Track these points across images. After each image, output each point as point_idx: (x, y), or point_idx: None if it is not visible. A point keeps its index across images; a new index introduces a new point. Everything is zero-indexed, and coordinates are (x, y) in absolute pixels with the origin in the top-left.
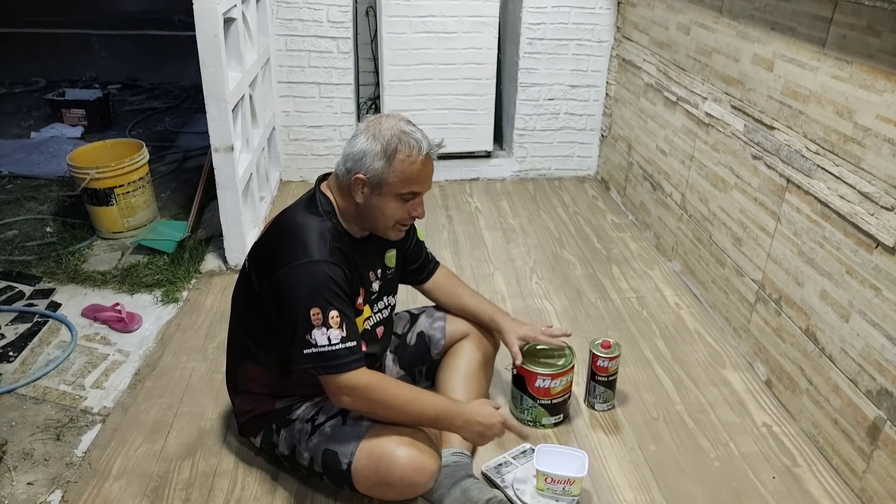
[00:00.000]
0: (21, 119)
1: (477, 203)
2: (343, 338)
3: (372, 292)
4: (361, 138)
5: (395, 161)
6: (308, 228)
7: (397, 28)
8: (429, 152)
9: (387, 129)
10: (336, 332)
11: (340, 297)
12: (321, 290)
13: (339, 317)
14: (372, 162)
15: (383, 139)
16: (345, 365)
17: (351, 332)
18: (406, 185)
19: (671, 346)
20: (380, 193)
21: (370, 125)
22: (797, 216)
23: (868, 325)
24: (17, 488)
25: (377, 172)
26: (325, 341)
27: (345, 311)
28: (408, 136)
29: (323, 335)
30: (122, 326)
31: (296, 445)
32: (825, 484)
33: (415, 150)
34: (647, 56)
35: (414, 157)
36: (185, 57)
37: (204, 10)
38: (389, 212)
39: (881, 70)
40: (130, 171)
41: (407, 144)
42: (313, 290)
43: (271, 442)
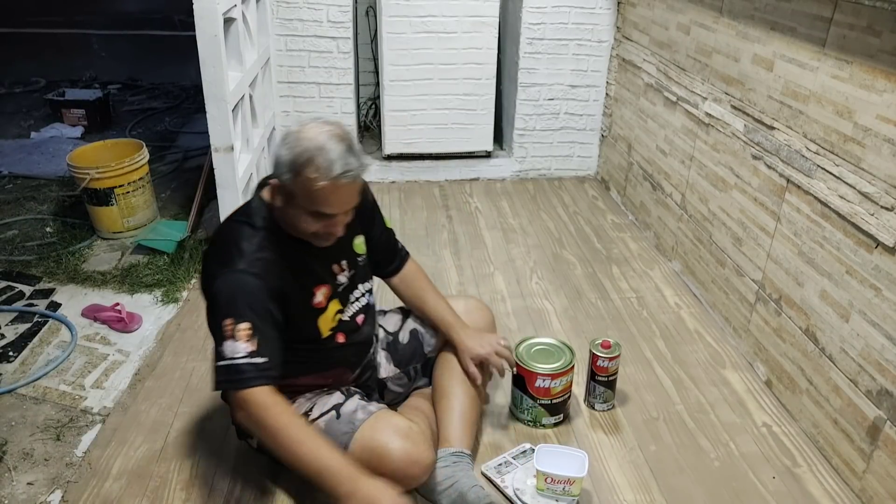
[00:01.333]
0: (21, 119)
1: (477, 203)
2: (251, 352)
3: (339, 285)
4: (283, 145)
5: (301, 177)
6: (231, 238)
7: (397, 28)
8: (342, 175)
9: (306, 139)
10: (243, 345)
11: (256, 308)
12: (235, 301)
13: (249, 329)
14: (283, 172)
15: (295, 151)
16: (245, 381)
17: (262, 346)
18: (311, 204)
19: (671, 346)
20: (290, 205)
21: (298, 129)
22: (797, 216)
23: (868, 325)
24: (17, 488)
25: (287, 184)
26: (230, 353)
27: (259, 323)
28: (322, 154)
29: (230, 347)
30: (122, 326)
31: None
32: (825, 484)
33: (322, 171)
34: (647, 56)
35: (321, 179)
36: (185, 57)
37: (204, 10)
38: (302, 225)
39: (881, 70)
40: (130, 171)
41: (315, 164)
42: (227, 300)
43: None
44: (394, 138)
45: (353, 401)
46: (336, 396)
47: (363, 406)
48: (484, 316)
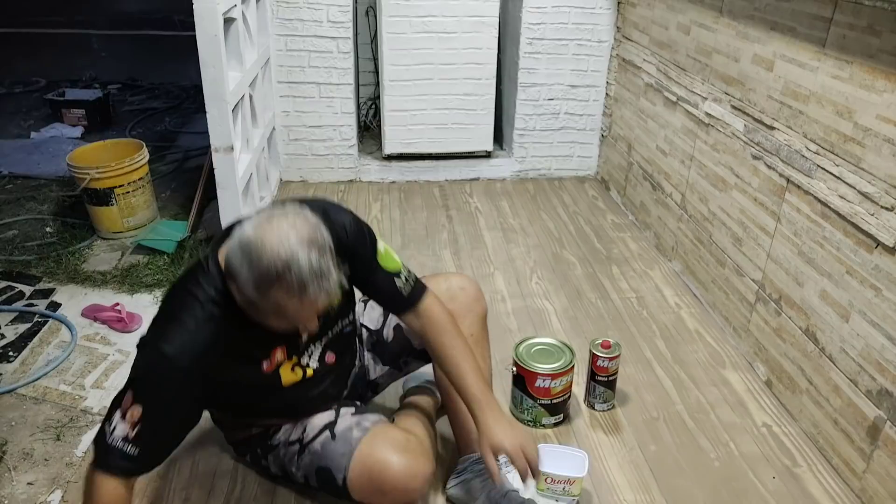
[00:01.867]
0: (21, 119)
1: (477, 203)
2: (126, 437)
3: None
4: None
5: (268, 296)
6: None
7: (397, 28)
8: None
9: (269, 251)
10: (123, 426)
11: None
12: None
13: (140, 415)
14: (244, 286)
15: (258, 268)
16: (102, 461)
17: (142, 437)
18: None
19: (671, 346)
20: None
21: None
22: (797, 216)
23: (868, 325)
24: (17, 488)
25: (246, 292)
26: (110, 426)
27: (154, 417)
28: (291, 270)
29: (116, 419)
30: (122, 326)
31: (285, 467)
32: (825, 484)
33: (293, 293)
34: (647, 56)
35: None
36: (185, 57)
37: (204, 10)
38: (272, 323)
39: (881, 70)
40: (130, 171)
41: (286, 284)
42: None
43: (261, 465)
44: (394, 138)
45: (346, 417)
46: (326, 415)
47: (357, 423)
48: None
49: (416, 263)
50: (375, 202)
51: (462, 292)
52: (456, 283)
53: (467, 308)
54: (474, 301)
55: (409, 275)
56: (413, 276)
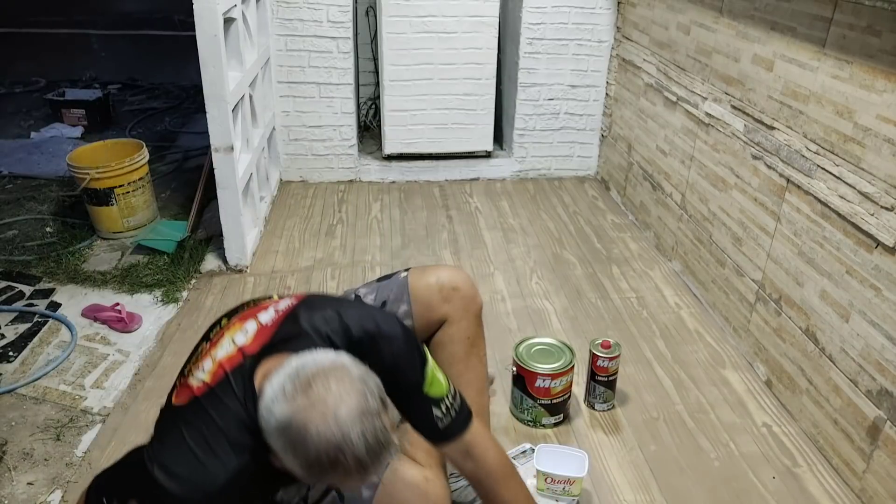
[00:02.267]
0: (21, 119)
1: (477, 203)
2: None
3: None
4: (277, 436)
5: (323, 477)
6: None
7: (397, 28)
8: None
9: (318, 439)
10: None
11: None
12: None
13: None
14: (291, 467)
15: (307, 457)
16: None
17: None
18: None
19: (671, 346)
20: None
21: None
22: (797, 216)
23: (868, 325)
24: (17, 488)
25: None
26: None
27: None
28: (347, 456)
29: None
30: (122, 326)
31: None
32: (825, 484)
33: (352, 471)
34: (647, 56)
35: (351, 475)
36: (185, 57)
37: (204, 10)
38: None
39: (881, 70)
40: (130, 171)
41: (342, 468)
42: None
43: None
44: (394, 138)
45: None
46: None
47: None
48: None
49: (415, 263)
50: (375, 202)
51: (455, 293)
52: (448, 282)
53: (463, 310)
54: (470, 301)
55: (452, 404)
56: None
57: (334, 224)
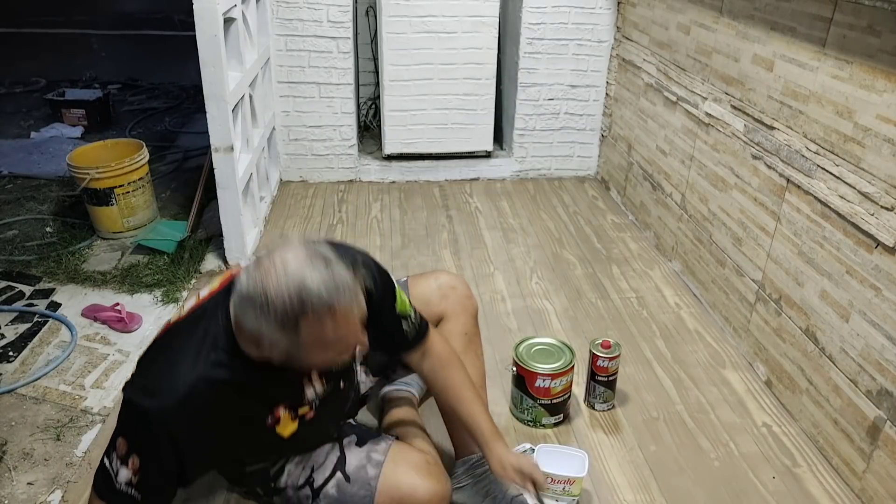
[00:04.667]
0: (21, 119)
1: (477, 203)
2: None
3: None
4: (249, 310)
5: (301, 334)
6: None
7: (397, 28)
8: (342, 299)
9: (277, 292)
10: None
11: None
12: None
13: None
14: (272, 339)
15: (275, 313)
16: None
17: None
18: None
19: (671, 346)
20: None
21: (255, 286)
22: (797, 216)
23: (868, 325)
24: (17, 488)
25: (284, 346)
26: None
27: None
28: (310, 297)
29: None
30: (122, 326)
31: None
32: (825, 484)
33: (325, 316)
34: (647, 56)
35: (326, 326)
36: (185, 57)
37: (204, 10)
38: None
39: (881, 70)
40: (130, 171)
41: (311, 312)
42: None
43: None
44: (394, 138)
45: (354, 452)
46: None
47: (368, 456)
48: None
49: (415, 263)
50: (375, 202)
51: (453, 291)
52: (446, 282)
53: (461, 307)
54: (466, 299)
55: (415, 318)
56: (418, 317)
57: (334, 224)
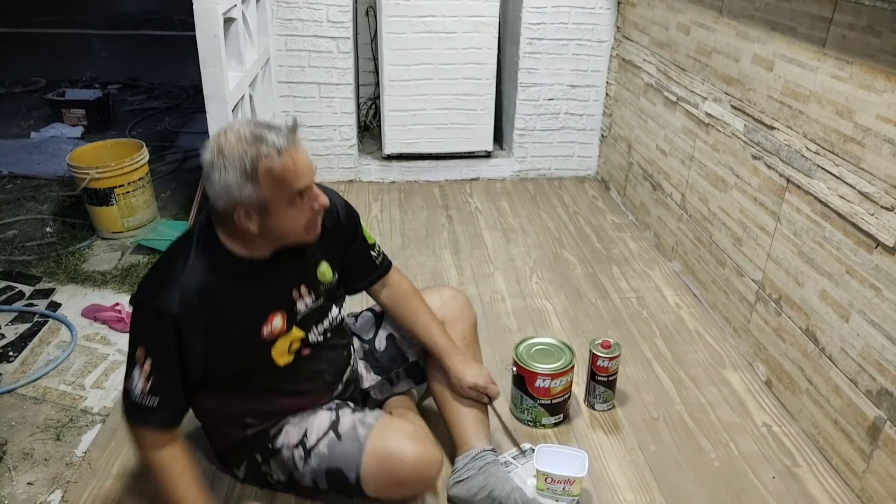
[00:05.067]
0: (21, 119)
1: (477, 203)
2: (143, 391)
3: (297, 313)
4: (215, 174)
5: (259, 177)
6: (165, 264)
7: (397, 28)
8: (284, 145)
9: (229, 148)
10: (142, 382)
11: (167, 349)
12: (146, 333)
13: (149, 368)
14: (240, 191)
15: (234, 162)
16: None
17: (156, 388)
18: (287, 189)
19: (671, 346)
20: (269, 213)
21: (215, 154)
22: (797, 216)
23: (868, 325)
24: (17, 488)
25: (250, 197)
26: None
27: (162, 364)
28: (257, 143)
29: (136, 378)
30: (122, 326)
31: (293, 472)
32: (825, 484)
33: (273, 153)
34: (647, 56)
35: (275, 161)
36: (185, 57)
37: (204, 10)
38: (291, 223)
39: (881, 70)
40: (130, 171)
41: (259, 153)
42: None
43: (260, 472)
44: (394, 138)
45: (347, 416)
46: (326, 416)
47: (360, 419)
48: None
49: (415, 263)
50: (375, 202)
51: (453, 300)
52: (447, 293)
53: (459, 314)
54: (465, 308)
55: (380, 249)
56: (382, 252)
57: None
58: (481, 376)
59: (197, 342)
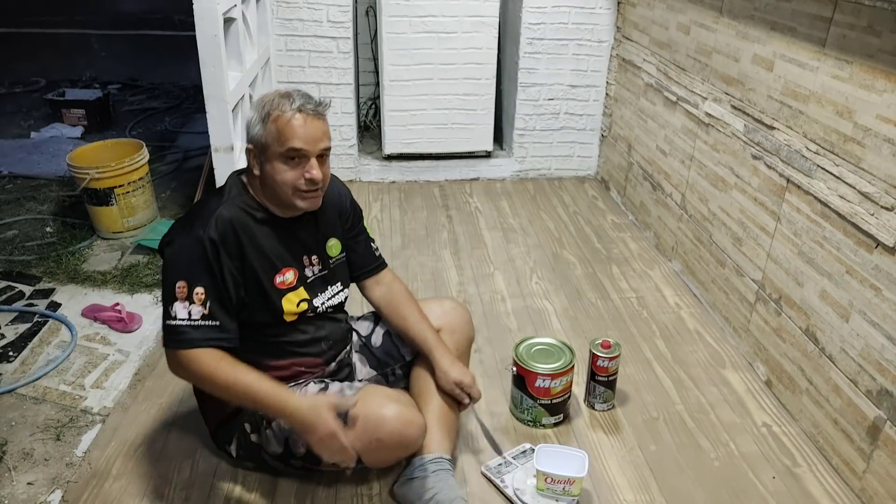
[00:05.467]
0: (21, 119)
1: (477, 203)
2: (203, 315)
3: (306, 276)
4: (249, 113)
5: (268, 122)
6: (198, 207)
7: (397, 28)
8: (302, 108)
9: (268, 96)
10: (198, 308)
11: (210, 273)
12: (189, 264)
13: (203, 293)
14: (253, 129)
15: (260, 105)
16: (196, 341)
17: (216, 309)
18: (282, 142)
19: (671, 346)
20: (266, 159)
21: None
22: (797, 216)
23: (868, 325)
24: (17, 488)
25: (258, 137)
26: (184, 315)
27: (212, 287)
28: (283, 98)
29: (184, 309)
30: (122, 326)
31: (288, 437)
32: (825, 484)
33: (286, 107)
34: (647, 56)
35: (285, 115)
36: (185, 57)
37: (204, 10)
38: (281, 176)
39: (881, 70)
40: (130, 171)
41: (278, 104)
42: (181, 263)
43: (251, 445)
44: (394, 138)
45: (335, 384)
46: (315, 387)
47: (348, 385)
48: (460, 316)
49: (415, 263)
50: (375, 202)
51: (454, 311)
52: (450, 304)
53: (458, 325)
54: (465, 323)
55: (377, 246)
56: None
57: None
58: (467, 375)
59: (232, 267)
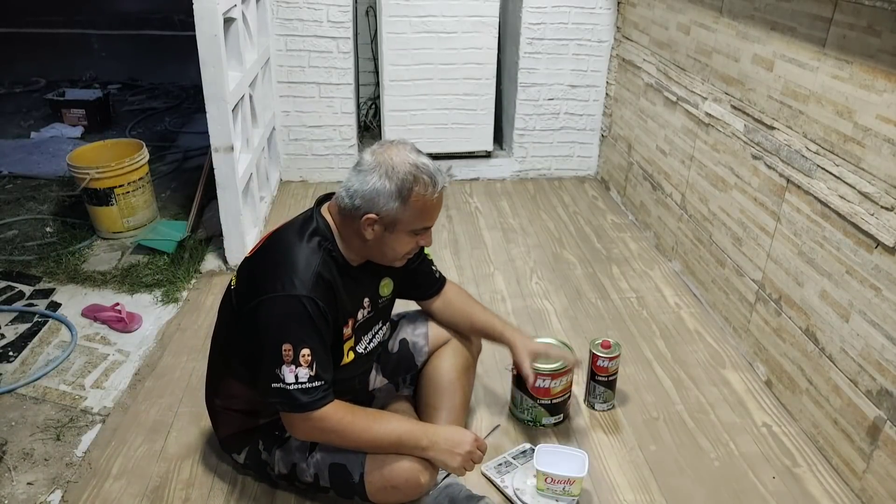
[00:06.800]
0: (21, 119)
1: (477, 203)
2: (311, 377)
3: (357, 321)
4: (373, 176)
5: (410, 201)
6: (294, 257)
7: (397, 28)
8: (444, 183)
9: (400, 164)
10: (305, 370)
11: (315, 333)
12: (294, 327)
13: (310, 355)
14: (386, 202)
15: (398, 178)
16: (310, 404)
17: (321, 369)
18: (420, 221)
19: (671, 346)
20: (393, 231)
21: (381, 160)
22: (797, 216)
23: (868, 325)
24: (17, 488)
25: (391, 212)
26: (292, 379)
27: (317, 347)
28: (422, 172)
29: (291, 373)
30: (122, 326)
31: (296, 464)
32: (825, 484)
33: (430, 188)
34: (647, 56)
35: (430, 195)
36: (185, 57)
37: (204, 10)
38: (400, 247)
39: (881, 70)
40: (130, 171)
41: (423, 182)
42: (287, 325)
43: (260, 460)
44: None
45: None
46: None
47: None
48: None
49: None
50: None
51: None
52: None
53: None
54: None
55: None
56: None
57: None
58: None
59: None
